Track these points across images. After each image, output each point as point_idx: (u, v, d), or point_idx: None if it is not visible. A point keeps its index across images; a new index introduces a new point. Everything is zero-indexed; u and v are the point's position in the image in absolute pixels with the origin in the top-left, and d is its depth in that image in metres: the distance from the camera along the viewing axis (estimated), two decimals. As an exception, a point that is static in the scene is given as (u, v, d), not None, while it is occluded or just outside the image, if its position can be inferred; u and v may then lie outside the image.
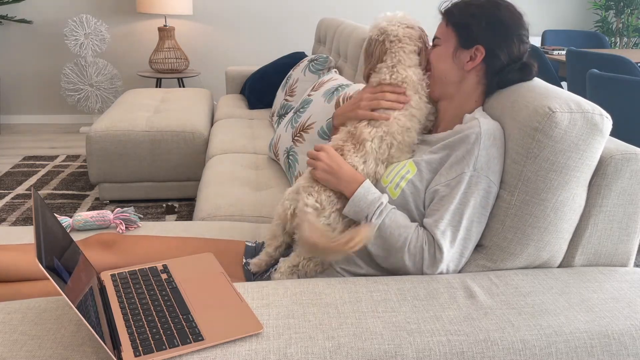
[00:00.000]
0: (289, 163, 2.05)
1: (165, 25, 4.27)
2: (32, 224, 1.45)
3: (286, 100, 2.83)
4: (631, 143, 1.15)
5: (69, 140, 4.15)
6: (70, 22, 4.09)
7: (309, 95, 2.23)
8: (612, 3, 4.80)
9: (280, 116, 2.82)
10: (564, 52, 3.78)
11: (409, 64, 1.22)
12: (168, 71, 4.31)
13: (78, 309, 0.78)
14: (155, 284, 1.03)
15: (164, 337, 0.87)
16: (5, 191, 3.05)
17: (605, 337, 0.94)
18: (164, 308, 0.95)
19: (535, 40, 4.55)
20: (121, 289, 1.02)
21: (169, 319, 0.92)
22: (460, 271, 1.13)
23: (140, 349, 0.84)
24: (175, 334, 0.88)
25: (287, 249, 1.30)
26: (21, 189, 3.09)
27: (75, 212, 2.79)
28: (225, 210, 1.82)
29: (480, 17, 1.16)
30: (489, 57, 1.17)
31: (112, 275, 1.07)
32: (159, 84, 4.44)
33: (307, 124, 2.02)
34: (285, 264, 1.21)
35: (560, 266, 1.16)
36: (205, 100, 3.47)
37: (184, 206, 2.89)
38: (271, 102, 3.26)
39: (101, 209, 2.04)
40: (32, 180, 3.24)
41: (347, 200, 1.17)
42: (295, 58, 3.40)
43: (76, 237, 1.39)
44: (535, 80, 1.20)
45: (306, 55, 3.35)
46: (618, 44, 4.93)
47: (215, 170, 2.22)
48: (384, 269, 1.18)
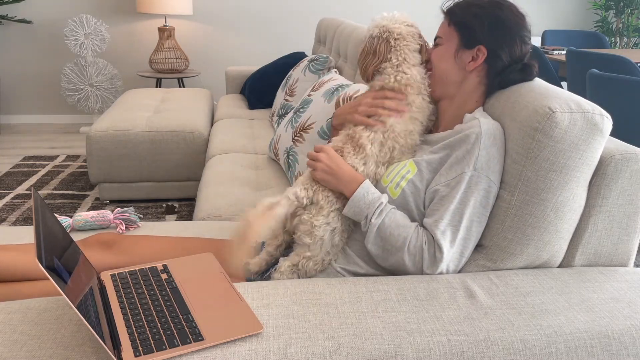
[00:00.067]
0: (289, 163, 2.05)
1: (165, 25, 4.27)
2: (32, 224, 1.45)
3: (286, 100, 2.82)
4: (631, 143, 1.15)
5: (69, 140, 4.15)
6: (70, 22, 4.09)
7: (309, 95, 2.23)
8: (612, 3, 4.80)
9: (280, 116, 2.82)
10: (564, 52, 3.78)
11: (412, 62, 1.22)
12: (168, 71, 4.31)
13: (78, 309, 0.78)
14: (155, 284, 1.03)
15: (164, 337, 0.87)
16: (5, 191, 3.05)
17: (605, 337, 0.94)
18: (164, 308, 0.95)
19: (535, 40, 4.55)
20: (121, 289, 1.02)
21: (169, 319, 0.92)
22: (460, 271, 1.13)
23: (140, 349, 0.84)
24: (175, 334, 0.88)
25: (288, 249, 1.30)
26: (21, 189, 3.09)
27: (75, 212, 2.79)
28: (225, 210, 1.82)
29: (483, 18, 1.16)
30: (491, 58, 1.17)
31: (112, 275, 1.07)
32: (159, 84, 4.44)
33: (307, 124, 2.02)
34: (285, 264, 1.21)
35: (560, 266, 1.16)
36: (205, 100, 3.47)
37: (184, 206, 2.89)
38: (271, 102, 3.26)
39: (101, 209, 2.04)
40: (32, 180, 3.24)
41: (346, 201, 1.17)
42: (295, 58, 3.40)
43: (76, 237, 1.39)
44: (535, 81, 1.20)
45: (306, 55, 3.35)
46: (618, 44, 4.93)
47: (215, 170, 2.22)
48: (384, 269, 1.18)
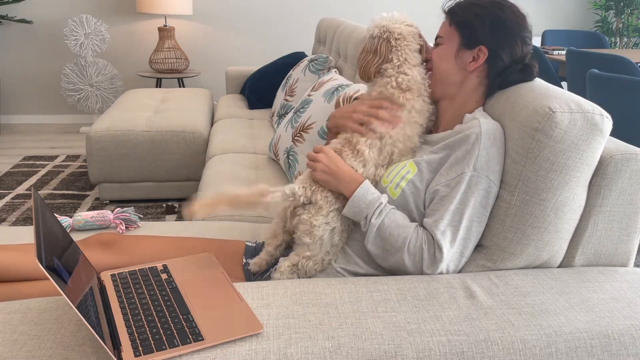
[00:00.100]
0: (289, 163, 2.05)
1: (165, 25, 4.27)
2: (32, 224, 1.45)
3: (286, 100, 2.82)
4: (631, 143, 1.15)
5: (69, 140, 4.15)
6: (70, 22, 4.09)
7: (309, 95, 2.23)
8: (612, 3, 4.80)
9: (280, 116, 2.82)
10: (564, 52, 3.78)
11: (413, 62, 1.22)
12: (168, 71, 4.31)
13: (78, 309, 0.78)
14: (155, 284, 1.03)
15: (164, 337, 0.87)
16: (5, 191, 3.05)
17: (605, 337, 0.94)
18: (164, 308, 0.95)
19: (535, 40, 4.55)
20: (121, 289, 1.02)
21: (169, 319, 0.92)
22: (460, 271, 1.13)
23: (140, 349, 0.84)
24: (175, 334, 0.88)
25: (288, 249, 1.30)
26: (21, 189, 3.09)
27: (75, 212, 2.79)
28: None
29: (484, 18, 1.16)
30: (492, 58, 1.16)
31: (112, 275, 1.07)
32: (159, 84, 4.44)
33: (307, 124, 2.02)
34: (284, 264, 1.21)
35: (560, 266, 1.16)
36: (205, 100, 3.47)
37: (184, 206, 2.89)
38: (271, 102, 3.26)
39: (101, 209, 2.04)
40: (32, 180, 3.24)
41: (346, 201, 1.17)
42: (295, 58, 3.40)
43: (76, 237, 1.39)
44: (535, 81, 1.20)
45: (306, 55, 3.35)
46: (618, 44, 4.93)
47: (215, 170, 2.21)
48: (384, 269, 1.18)
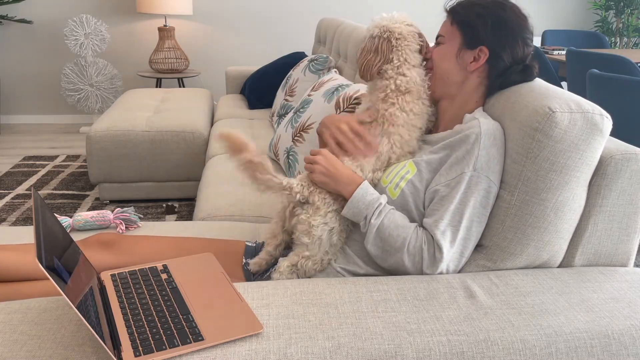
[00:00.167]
0: (289, 163, 2.05)
1: (165, 25, 4.27)
2: (32, 224, 1.45)
3: (286, 100, 2.82)
4: (631, 143, 1.15)
5: (69, 140, 4.15)
6: (70, 22, 4.09)
7: (309, 95, 2.23)
8: (612, 3, 4.80)
9: (280, 116, 2.82)
10: (564, 52, 3.78)
11: (413, 63, 1.22)
12: (168, 71, 4.31)
13: (78, 309, 0.78)
14: (155, 284, 1.03)
15: (164, 337, 0.87)
16: (5, 191, 3.05)
17: (605, 337, 0.94)
18: (164, 308, 0.95)
19: (535, 40, 4.54)
20: (121, 289, 1.02)
21: (169, 319, 0.92)
22: (460, 271, 1.13)
23: (140, 349, 0.84)
24: (175, 334, 0.88)
25: (287, 249, 1.30)
26: (21, 189, 3.09)
27: (75, 212, 2.79)
28: (225, 210, 1.82)
29: (486, 18, 1.15)
30: (493, 59, 1.16)
31: (112, 275, 1.07)
32: (159, 84, 4.44)
33: (307, 124, 2.02)
34: (284, 264, 1.21)
35: (560, 266, 1.16)
36: (205, 100, 3.47)
37: (184, 206, 2.89)
38: (271, 102, 3.26)
39: (101, 209, 2.04)
40: (32, 180, 3.24)
41: (344, 202, 1.17)
42: (295, 58, 3.40)
43: (76, 237, 1.39)
44: (535, 81, 1.20)
45: (306, 55, 3.35)
46: (618, 44, 4.93)
47: (215, 170, 2.22)
48: (384, 269, 1.18)
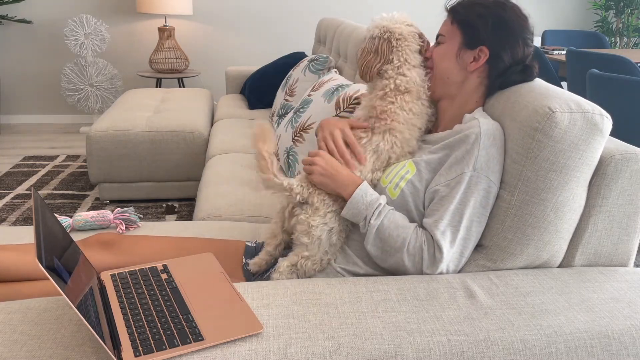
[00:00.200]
0: (289, 163, 2.05)
1: (165, 25, 4.27)
2: (32, 224, 1.45)
3: (286, 100, 2.82)
4: (631, 143, 1.15)
5: (69, 140, 4.15)
6: (70, 22, 4.09)
7: (309, 95, 2.23)
8: (612, 3, 4.80)
9: (280, 116, 2.82)
10: (564, 52, 3.78)
11: (413, 63, 1.22)
12: (168, 71, 4.31)
13: (78, 309, 0.78)
14: (155, 284, 1.03)
15: (164, 337, 0.87)
16: (5, 191, 3.05)
17: (605, 337, 0.94)
18: (164, 308, 0.95)
19: (535, 40, 4.55)
20: (121, 289, 1.02)
21: (169, 319, 0.92)
22: (460, 271, 1.13)
23: (140, 349, 0.84)
24: (175, 334, 0.88)
25: (287, 249, 1.30)
26: (21, 189, 3.09)
27: (75, 212, 2.79)
28: (225, 210, 1.82)
29: (487, 18, 1.15)
30: (493, 59, 1.16)
31: (112, 275, 1.07)
32: (159, 84, 4.44)
33: (307, 124, 2.02)
34: (283, 264, 1.21)
35: (560, 266, 1.16)
36: (205, 100, 3.47)
37: (184, 206, 2.89)
38: (271, 102, 3.26)
39: (101, 209, 2.04)
40: (32, 180, 3.24)
41: (344, 203, 1.17)
42: (295, 58, 3.40)
43: (76, 237, 1.39)
44: (535, 81, 1.20)
45: (306, 55, 3.35)
46: (618, 44, 4.93)
47: (215, 170, 2.22)
48: (384, 269, 1.18)
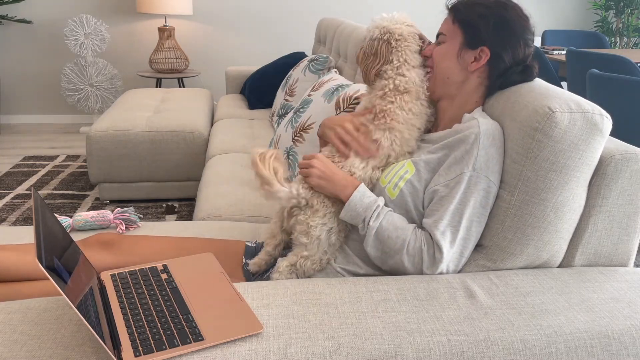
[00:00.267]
0: (289, 163, 2.05)
1: (165, 25, 4.27)
2: (32, 224, 1.45)
3: (286, 100, 2.82)
4: (631, 143, 1.15)
5: (69, 140, 4.15)
6: (70, 22, 4.09)
7: (309, 95, 2.23)
8: (612, 3, 4.80)
9: (280, 116, 2.82)
10: (564, 52, 3.78)
11: (413, 63, 1.22)
12: (168, 71, 4.31)
13: (78, 309, 0.78)
14: (155, 284, 1.03)
15: (164, 337, 0.87)
16: (5, 191, 3.05)
17: (605, 337, 0.94)
18: (164, 308, 0.95)
19: (535, 40, 4.55)
20: (121, 289, 1.02)
21: (169, 319, 0.92)
22: (460, 271, 1.13)
23: (140, 349, 0.84)
24: (175, 334, 0.88)
25: (287, 249, 1.30)
26: (21, 189, 3.09)
27: (75, 212, 2.79)
28: (225, 210, 1.82)
29: (489, 18, 1.15)
30: (494, 59, 1.16)
31: (112, 275, 1.07)
32: (159, 84, 4.44)
33: (307, 124, 2.02)
34: (283, 264, 1.21)
35: (560, 266, 1.16)
36: (205, 100, 3.47)
37: (184, 206, 2.89)
38: (271, 102, 3.26)
39: (101, 209, 2.04)
40: (32, 180, 3.24)
41: (342, 204, 1.17)
42: (295, 58, 3.40)
43: (76, 237, 1.39)
44: (535, 81, 1.20)
45: (306, 55, 3.35)
46: (618, 44, 4.92)
47: (215, 170, 2.22)
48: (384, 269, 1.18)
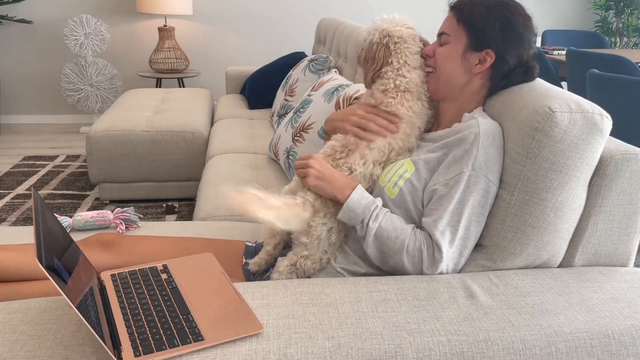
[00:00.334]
0: (289, 163, 2.05)
1: (165, 25, 4.27)
2: (32, 224, 1.45)
3: (286, 100, 2.82)
4: (631, 143, 1.15)
5: (69, 140, 4.15)
6: (70, 22, 4.09)
7: (309, 95, 2.23)
8: (612, 3, 4.80)
9: (280, 116, 2.82)
10: (564, 52, 3.78)
11: (413, 65, 1.22)
12: (168, 71, 4.31)
13: (78, 309, 0.78)
14: (155, 284, 1.03)
15: (164, 337, 0.87)
16: (5, 191, 3.05)
17: (605, 337, 0.94)
18: (164, 308, 0.95)
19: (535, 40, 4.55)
20: (121, 289, 1.02)
21: (169, 319, 0.92)
22: (460, 271, 1.13)
23: (140, 349, 0.84)
24: (175, 334, 0.88)
25: (286, 249, 1.30)
26: (21, 189, 3.09)
27: (75, 212, 2.79)
28: (225, 210, 1.82)
29: (494, 20, 1.13)
30: (498, 62, 1.15)
31: (112, 275, 1.07)
32: (159, 84, 4.44)
33: (307, 124, 2.02)
34: (283, 263, 1.21)
35: (560, 266, 1.16)
36: (205, 100, 3.47)
37: (184, 206, 2.89)
38: (271, 102, 3.26)
39: (101, 209, 2.04)
40: (32, 180, 3.24)
41: (339, 205, 1.17)
42: (295, 58, 3.40)
43: (76, 237, 1.39)
44: (536, 81, 1.20)
45: (306, 55, 3.35)
46: (618, 44, 4.93)
47: (215, 170, 2.22)
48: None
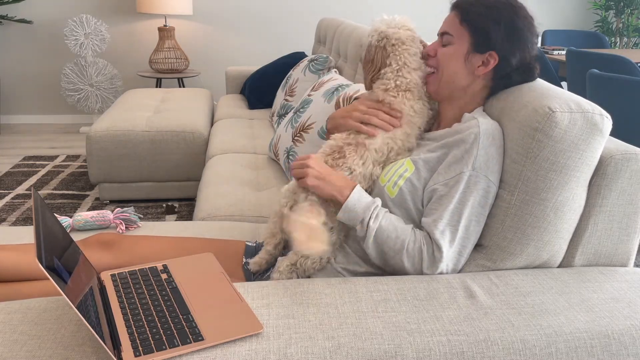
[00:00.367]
0: (289, 163, 2.05)
1: (165, 25, 4.27)
2: (32, 224, 1.45)
3: (286, 100, 2.82)
4: (631, 143, 1.15)
5: (69, 140, 4.15)
6: (70, 22, 4.09)
7: (309, 95, 2.23)
8: (612, 3, 4.80)
9: (280, 116, 2.82)
10: (564, 52, 3.78)
11: (413, 66, 1.22)
12: (168, 71, 4.31)
13: (78, 309, 0.78)
14: (155, 284, 1.03)
15: (164, 337, 0.87)
16: (5, 191, 3.05)
17: (605, 337, 0.94)
18: (164, 308, 0.96)
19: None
20: (121, 289, 1.02)
21: (169, 319, 0.92)
22: (460, 271, 1.13)
23: (140, 349, 0.84)
24: (175, 334, 0.88)
25: (286, 249, 1.30)
26: (21, 189, 3.09)
27: (75, 212, 2.79)
28: (225, 210, 1.82)
29: (499, 22, 1.13)
30: (501, 64, 1.15)
31: (112, 275, 1.07)
32: (159, 84, 4.44)
33: (307, 124, 2.02)
34: (283, 263, 1.21)
35: (560, 266, 1.16)
36: (205, 100, 3.47)
37: (184, 206, 2.89)
38: (271, 102, 3.26)
39: (101, 209, 2.04)
40: (32, 180, 3.24)
41: (338, 206, 1.16)
42: (295, 58, 3.40)
43: (76, 237, 1.39)
44: (536, 81, 1.20)
45: (306, 55, 3.35)
46: (618, 44, 4.93)
47: (215, 170, 2.22)
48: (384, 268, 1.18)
